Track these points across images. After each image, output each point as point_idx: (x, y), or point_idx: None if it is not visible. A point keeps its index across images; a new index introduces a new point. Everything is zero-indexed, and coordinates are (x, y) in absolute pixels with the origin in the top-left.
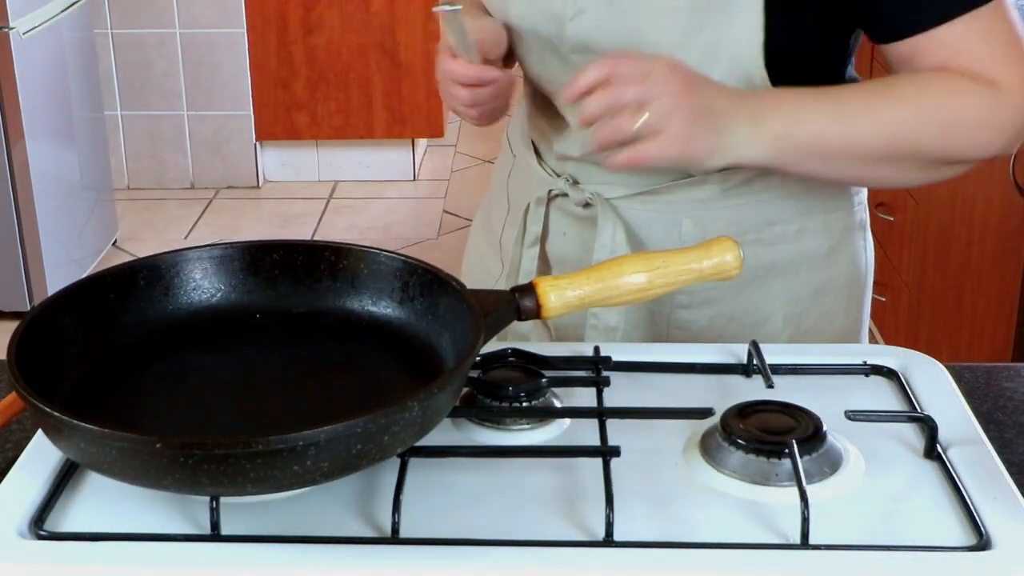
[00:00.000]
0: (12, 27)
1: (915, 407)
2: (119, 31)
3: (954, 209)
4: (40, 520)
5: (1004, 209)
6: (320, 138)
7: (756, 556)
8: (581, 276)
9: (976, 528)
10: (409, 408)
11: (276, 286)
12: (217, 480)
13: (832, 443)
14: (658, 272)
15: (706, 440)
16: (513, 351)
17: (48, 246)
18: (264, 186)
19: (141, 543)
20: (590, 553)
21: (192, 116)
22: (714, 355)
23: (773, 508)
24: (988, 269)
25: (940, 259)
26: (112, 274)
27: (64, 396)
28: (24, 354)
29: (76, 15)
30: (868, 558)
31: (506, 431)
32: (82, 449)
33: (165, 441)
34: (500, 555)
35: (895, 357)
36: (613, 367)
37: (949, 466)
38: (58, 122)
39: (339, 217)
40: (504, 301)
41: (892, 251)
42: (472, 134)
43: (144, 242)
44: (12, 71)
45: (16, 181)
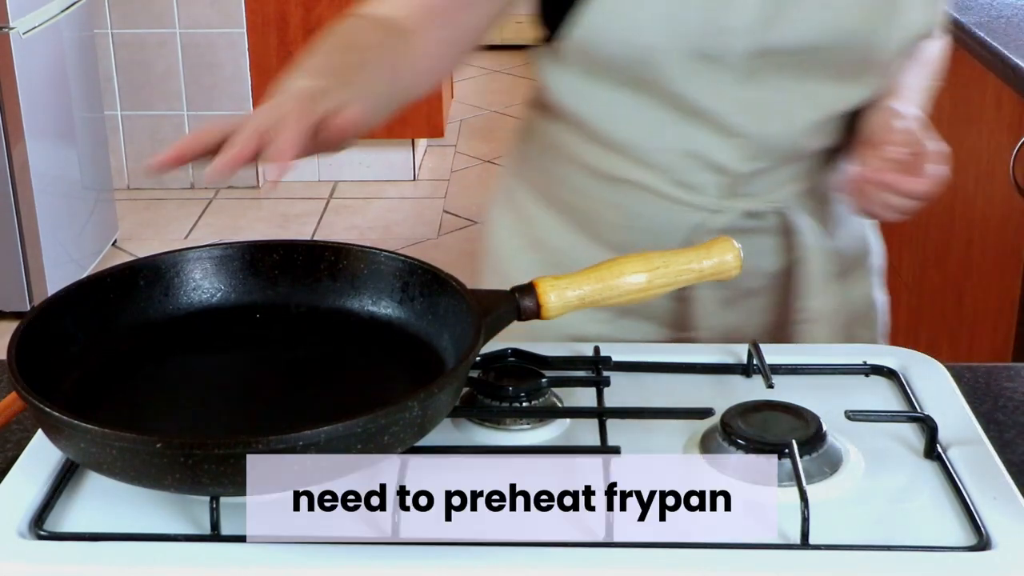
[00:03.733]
0: (12, 27)
1: (915, 407)
2: (119, 31)
3: (954, 209)
4: (40, 520)
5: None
6: None
7: (756, 556)
8: (581, 276)
9: (976, 528)
10: (409, 408)
11: (276, 286)
12: (217, 480)
13: (832, 443)
14: (658, 272)
15: (706, 440)
16: (513, 351)
17: (48, 246)
18: (264, 186)
19: (141, 543)
20: (590, 553)
21: (192, 116)
22: (714, 355)
23: (773, 508)
24: (988, 269)
25: (940, 259)
26: (112, 274)
27: (64, 396)
28: (24, 354)
29: (76, 15)
30: (868, 558)
31: (506, 431)
32: (82, 449)
33: (165, 441)
34: (500, 555)
35: (895, 357)
36: (613, 367)
37: (949, 466)
38: (58, 122)
39: (339, 217)
40: (504, 301)
41: (892, 251)
42: (472, 134)
43: (144, 242)
44: (12, 71)
45: (16, 181)
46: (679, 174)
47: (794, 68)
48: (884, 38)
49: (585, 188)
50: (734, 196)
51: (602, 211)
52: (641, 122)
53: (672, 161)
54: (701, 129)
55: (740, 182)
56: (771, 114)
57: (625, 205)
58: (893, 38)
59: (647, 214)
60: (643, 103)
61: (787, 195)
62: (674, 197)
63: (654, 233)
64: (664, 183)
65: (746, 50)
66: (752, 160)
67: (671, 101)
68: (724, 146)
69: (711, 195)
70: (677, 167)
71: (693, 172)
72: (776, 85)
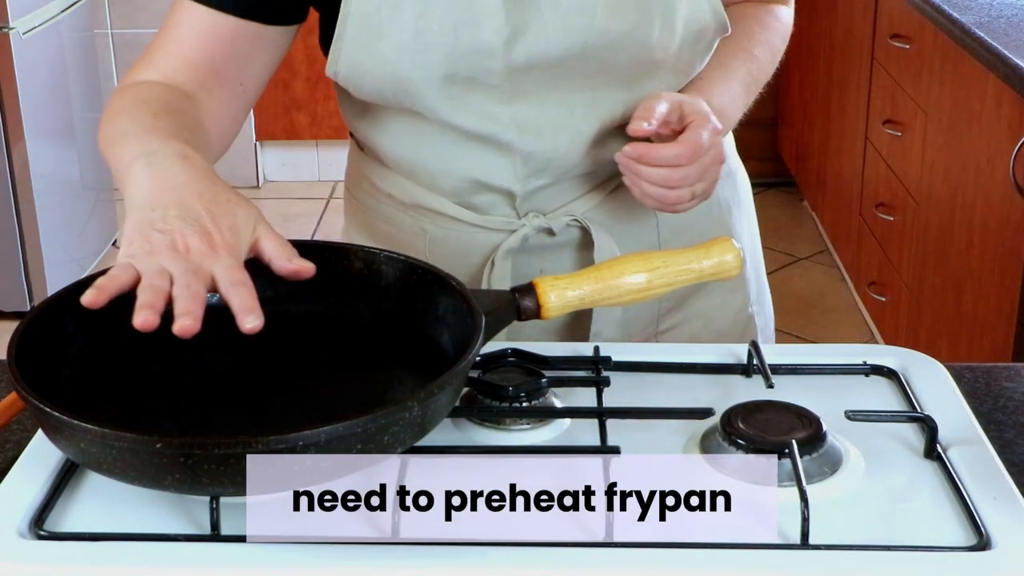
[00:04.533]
0: (12, 27)
1: (915, 407)
2: (119, 31)
3: (954, 209)
4: (40, 520)
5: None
6: (320, 138)
7: (756, 556)
8: (581, 276)
9: (976, 528)
10: (409, 408)
11: (276, 286)
12: (217, 480)
13: (832, 443)
14: (658, 272)
15: (706, 440)
16: (513, 351)
17: (48, 246)
18: (264, 186)
19: (141, 543)
20: (590, 553)
21: None
22: (714, 355)
23: (773, 508)
24: (988, 269)
25: (940, 259)
26: None
27: (64, 396)
28: (24, 354)
29: (76, 15)
30: (868, 558)
31: (506, 431)
32: (82, 449)
33: (165, 441)
34: (500, 555)
35: (895, 357)
36: (613, 367)
37: (949, 466)
38: (58, 122)
39: (339, 217)
40: (504, 301)
41: (892, 251)
42: None
43: None
44: (12, 71)
45: (16, 181)
46: (466, 197)
47: (560, 79)
48: (650, 37)
49: (391, 216)
50: (525, 214)
51: (409, 239)
52: (424, 148)
53: (457, 185)
54: (478, 151)
55: (526, 200)
56: (545, 130)
57: (428, 231)
58: (664, 36)
59: (449, 239)
60: (422, 129)
61: (584, 209)
62: (467, 220)
63: (456, 257)
64: (455, 208)
65: (504, 68)
66: (533, 177)
67: (443, 126)
68: (502, 165)
69: (501, 215)
70: (463, 190)
71: (478, 194)
72: (545, 99)
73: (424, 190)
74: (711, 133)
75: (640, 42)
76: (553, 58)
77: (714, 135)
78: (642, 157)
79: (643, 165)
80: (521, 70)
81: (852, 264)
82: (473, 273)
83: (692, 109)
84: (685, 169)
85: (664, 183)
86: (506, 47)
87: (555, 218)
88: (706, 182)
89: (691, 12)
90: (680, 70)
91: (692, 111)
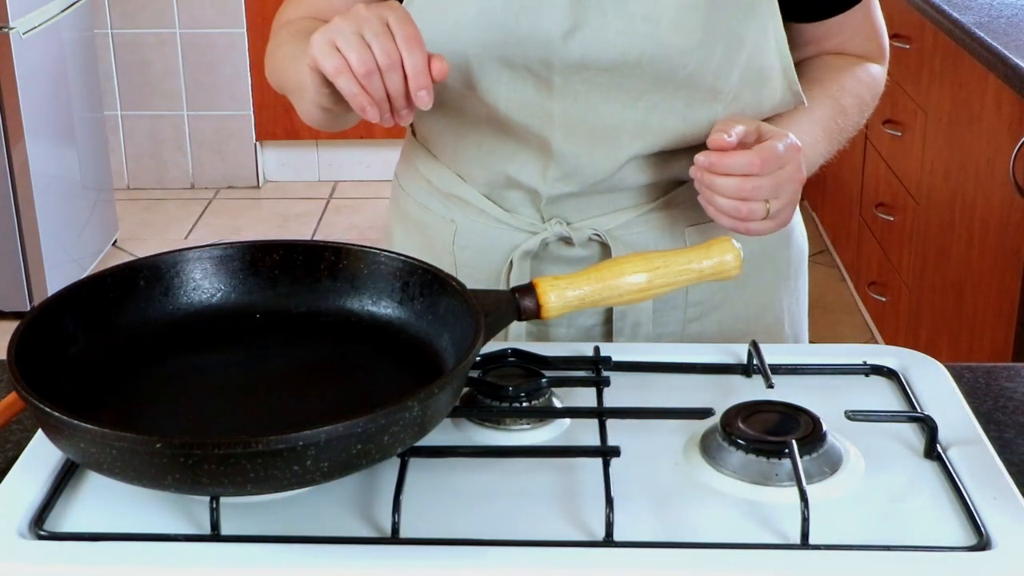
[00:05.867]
0: (12, 27)
1: (915, 407)
2: (119, 31)
3: (954, 209)
4: (40, 520)
5: (1004, 209)
6: (320, 138)
7: (756, 556)
8: (581, 276)
9: (976, 528)
10: (409, 408)
11: (276, 286)
12: (217, 480)
13: (832, 443)
14: (658, 272)
15: (706, 440)
16: (513, 351)
17: (48, 246)
18: (264, 186)
19: (141, 543)
20: (590, 553)
21: (192, 116)
22: (714, 355)
23: (773, 508)
24: (988, 269)
25: (940, 259)
26: (112, 274)
27: (64, 396)
28: (24, 354)
29: (76, 15)
30: (868, 558)
31: (506, 431)
32: (82, 449)
33: (165, 441)
34: (500, 555)
35: (895, 357)
36: (613, 367)
37: (949, 466)
38: (58, 122)
39: (339, 217)
40: (504, 301)
41: (892, 251)
42: None
43: (144, 242)
44: (12, 71)
45: (16, 181)
46: (496, 191)
47: (613, 89)
48: (711, 60)
49: (427, 202)
50: (548, 219)
51: (439, 226)
52: (468, 135)
53: (490, 177)
54: (516, 146)
55: (551, 204)
56: (588, 137)
57: (456, 222)
58: (725, 64)
59: (474, 231)
60: (469, 114)
61: (609, 227)
62: (494, 216)
63: (479, 252)
64: (484, 201)
65: (558, 61)
66: (560, 182)
67: (486, 114)
68: (534, 163)
69: (526, 215)
70: (494, 183)
71: (507, 189)
72: (596, 107)
73: (459, 180)
74: (787, 147)
75: (700, 63)
76: (608, 61)
77: (791, 151)
78: (714, 166)
79: (716, 176)
80: (574, 67)
81: (852, 264)
82: (494, 271)
83: (771, 130)
84: (757, 179)
85: (736, 194)
86: (563, 40)
87: (577, 229)
88: (781, 200)
89: (756, 47)
90: (737, 110)
91: (771, 132)
